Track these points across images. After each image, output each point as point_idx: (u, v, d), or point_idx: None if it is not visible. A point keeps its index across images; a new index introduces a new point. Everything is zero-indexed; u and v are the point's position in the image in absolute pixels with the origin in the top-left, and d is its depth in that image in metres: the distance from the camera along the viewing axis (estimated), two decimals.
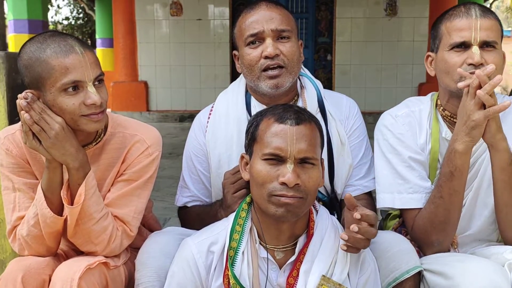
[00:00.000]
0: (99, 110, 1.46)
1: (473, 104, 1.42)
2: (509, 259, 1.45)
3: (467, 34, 1.53)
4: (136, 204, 1.61)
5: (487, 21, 1.53)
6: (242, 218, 1.47)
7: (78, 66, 1.42)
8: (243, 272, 1.41)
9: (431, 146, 1.66)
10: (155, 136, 1.66)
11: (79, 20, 19.20)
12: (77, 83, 1.43)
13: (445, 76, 1.59)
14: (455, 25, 1.56)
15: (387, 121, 1.70)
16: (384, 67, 9.83)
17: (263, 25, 1.64)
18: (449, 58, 1.56)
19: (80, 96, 1.44)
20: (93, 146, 1.60)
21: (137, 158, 1.61)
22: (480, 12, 1.54)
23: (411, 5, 9.66)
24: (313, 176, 1.37)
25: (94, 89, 1.45)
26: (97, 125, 1.49)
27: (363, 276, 1.44)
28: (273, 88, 1.64)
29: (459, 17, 1.56)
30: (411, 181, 1.62)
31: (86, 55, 1.46)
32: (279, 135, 1.37)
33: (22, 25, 7.52)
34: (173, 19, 10.01)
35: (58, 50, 1.42)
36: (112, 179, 1.62)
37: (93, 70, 1.46)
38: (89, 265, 1.45)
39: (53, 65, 1.41)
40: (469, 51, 1.53)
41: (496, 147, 1.47)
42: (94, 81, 1.47)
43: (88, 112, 1.45)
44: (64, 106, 1.43)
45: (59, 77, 1.41)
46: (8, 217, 1.58)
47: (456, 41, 1.54)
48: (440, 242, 1.57)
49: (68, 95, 1.43)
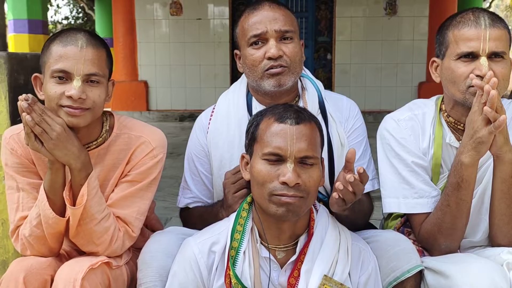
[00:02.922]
0: (77, 105, 1.46)
1: (480, 120, 1.41)
2: (506, 259, 1.46)
3: (476, 44, 1.48)
4: (139, 205, 1.61)
5: (497, 31, 1.49)
6: (243, 218, 1.47)
7: (71, 58, 1.46)
8: (245, 271, 1.41)
9: (433, 151, 1.65)
10: (160, 138, 1.66)
11: (78, 20, 19.16)
12: (65, 73, 1.46)
13: (451, 85, 1.56)
14: (463, 34, 1.51)
15: (389, 126, 1.70)
16: (384, 66, 9.84)
17: (267, 25, 1.63)
18: (455, 67, 1.53)
19: (64, 86, 1.46)
20: (94, 146, 1.60)
21: (142, 159, 1.61)
22: (490, 21, 1.49)
23: (411, 4, 9.67)
24: (313, 175, 1.37)
25: (79, 83, 1.46)
26: (73, 120, 1.47)
27: (364, 275, 1.45)
28: (276, 87, 1.64)
29: (468, 26, 1.51)
30: (416, 186, 1.62)
31: (86, 51, 1.48)
32: (279, 134, 1.37)
33: (21, 25, 7.53)
34: (173, 18, 10.01)
35: (63, 40, 1.50)
36: (116, 180, 1.63)
37: (86, 66, 1.47)
38: (92, 265, 1.45)
39: (51, 51, 1.49)
40: (476, 62, 1.49)
41: (502, 158, 1.46)
42: (85, 78, 1.47)
43: (65, 104, 1.46)
44: (48, 91, 1.48)
45: (52, 63, 1.47)
46: (11, 217, 1.58)
47: (464, 51, 1.50)
48: (447, 246, 1.57)
49: (55, 83, 1.47)
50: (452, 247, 1.58)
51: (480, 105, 1.41)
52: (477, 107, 1.42)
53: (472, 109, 1.44)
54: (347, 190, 1.37)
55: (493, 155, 1.48)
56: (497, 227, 1.55)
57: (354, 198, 1.39)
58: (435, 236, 1.57)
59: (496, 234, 1.56)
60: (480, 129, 1.41)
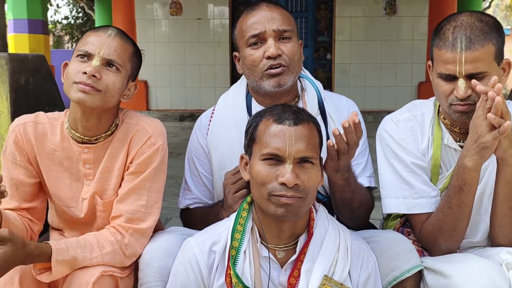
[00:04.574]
0: (89, 82, 1.50)
1: (485, 125, 1.40)
2: (505, 259, 1.46)
3: (452, 68, 1.48)
4: (146, 198, 1.61)
5: (473, 53, 1.45)
6: (243, 217, 1.48)
7: (97, 42, 1.55)
8: (245, 271, 1.42)
9: (433, 152, 1.66)
10: (157, 125, 1.67)
11: (78, 20, 19.15)
12: (87, 54, 1.53)
13: (438, 98, 1.59)
14: (441, 55, 1.50)
15: (388, 126, 1.70)
16: (383, 66, 9.84)
17: (265, 25, 1.64)
18: (438, 85, 1.54)
19: (83, 65, 1.52)
20: (102, 138, 1.63)
21: (141, 148, 1.62)
22: (466, 43, 1.46)
23: (410, 3, 9.66)
24: (312, 175, 1.38)
25: (98, 63, 1.52)
26: (81, 95, 1.51)
27: (363, 274, 1.45)
28: (276, 87, 1.65)
29: (445, 47, 1.49)
30: (415, 186, 1.63)
31: (113, 39, 1.57)
32: (278, 135, 1.37)
33: (21, 25, 7.53)
34: (173, 18, 10.01)
35: (97, 29, 1.62)
36: (119, 171, 1.63)
37: (107, 50, 1.54)
38: (104, 272, 1.47)
39: (83, 37, 1.60)
40: (456, 82, 1.49)
41: (506, 161, 1.46)
42: (104, 62, 1.53)
43: (79, 80, 1.51)
44: (69, 70, 1.55)
45: (80, 45, 1.57)
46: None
47: (443, 72, 1.51)
48: (447, 247, 1.58)
49: (77, 62, 1.54)
50: (453, 248, 1.59)
51: (484, 110, 1.40)
52: (481, 112, 1.41)
53: (476, 113, 1.43)
54: (342, 138, 1.44)
55: (497, 157, 1.47)
56: (498, 228, 1.55)
57: (346, 149, 1.45)
58: (435, 237, 1.58)
59: (497, 235, 1.57)
60: (484, 134, 1.40)
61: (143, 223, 1.60)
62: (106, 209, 1.65)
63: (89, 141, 1.63)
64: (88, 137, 1.62)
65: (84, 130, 1.62)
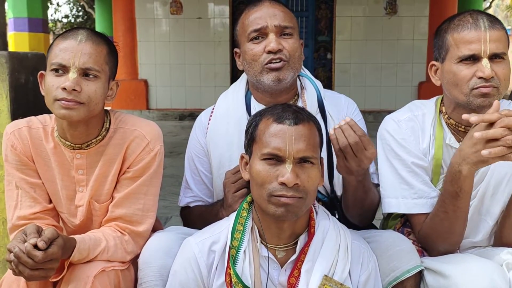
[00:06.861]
0: (71, 97, 1.46)
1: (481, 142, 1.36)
2: (505, 259, 1.46)
3: (477, 46, 1.48)
4: (143, 202, 1.62)
5: (496, 32, 1.49)
6: (243, 217, 1.47)
7: (69, 51, 1.48)
8: (245, 270, 1.42)
9: (434, 152, 1.65)
10: (154, 130, 1.65)
11: (78, 18, 19.14)
12: (62, 66, 1.48)
13: (454, 88, 1.56)
14: (463, 37, 1.51)
15: (389, 126, 1.70)
16: (384, 66, 9.84)
17: (267, 20, 1.65)
18: (458, 70, 1.53)
19: (61, 79, 1.47)
20: (94, 144, 1.60)
21: (139, 155, 1.61)
22: (489, 23, 1.49)
23: (411, 3, 9.67)
24: (312, 175, 1.37)
25: (75, 75, 1.46)
26: (65, 112, 1.47)
27: (363, 274, 1.45)
28: (275, 81, 1.64)
29: (467, 28, 1.50)
30: (415, 186, 1.63)
31: (84, 44, 1.49)
32: (278, 135, 1.37)
33: (22, 23, 7.51)
34: (173, 17, 10.01)
35: (65, 35, 1.53)
36: (114, 177, 1.63)
37: (82, 59, 1.48)
38: (105, 267, 1.47)
39: (53, 46, 1.52)
40: (478, 64, 1.49)
41: None
42: (81, 72, 1.48)
43: (60, 97, 1.46)
44: (46, 85, 1.50)
45: (52, 57, 1.50)
46: (9, 214, 1.58)
47: (465, 54, 1.50)
48: (446, 249, 1.58)
49: (53, 76, 1.49)
50: (451, 250, 1.59)
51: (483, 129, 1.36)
52: None
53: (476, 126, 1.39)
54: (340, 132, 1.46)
55: None
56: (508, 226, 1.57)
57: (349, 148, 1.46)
58: (433, 240, 1.58)
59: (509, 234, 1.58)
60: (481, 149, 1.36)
61: (140, 226, 1.61)
62: (102, 213, 1.65)
63: (80, 148, 1.61)
64: (79, 144, 1.60)
65: (74, 138, 1.59)
